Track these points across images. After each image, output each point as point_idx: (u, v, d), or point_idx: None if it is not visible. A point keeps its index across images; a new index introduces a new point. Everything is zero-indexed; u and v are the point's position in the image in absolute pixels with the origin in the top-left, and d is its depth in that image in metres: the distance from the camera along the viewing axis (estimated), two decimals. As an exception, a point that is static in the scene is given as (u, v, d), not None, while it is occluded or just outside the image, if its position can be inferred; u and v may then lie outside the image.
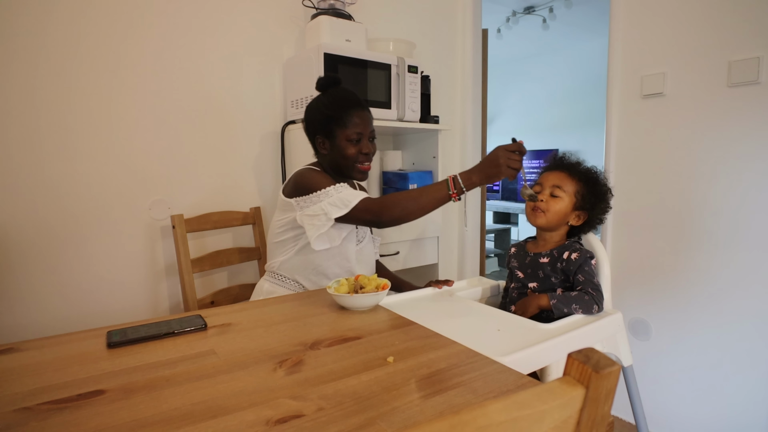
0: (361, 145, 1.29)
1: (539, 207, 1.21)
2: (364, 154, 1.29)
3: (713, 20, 1.51)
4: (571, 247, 1.18)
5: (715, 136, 1.54)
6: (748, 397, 1.52)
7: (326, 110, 1.29)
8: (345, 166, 1.30)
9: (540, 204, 1.20)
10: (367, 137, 1.30)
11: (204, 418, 0.58)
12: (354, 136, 1.27)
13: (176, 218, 1.51)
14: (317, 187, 1.22)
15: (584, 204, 1.21)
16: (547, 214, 1.20)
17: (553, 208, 1.20)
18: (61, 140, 1.44)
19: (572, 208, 1.21)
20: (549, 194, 1.21)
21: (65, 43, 1.42)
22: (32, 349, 0.81)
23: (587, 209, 1.21)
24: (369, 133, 1.31)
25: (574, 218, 1.22)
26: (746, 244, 1.49)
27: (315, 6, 1.77)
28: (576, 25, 4.42)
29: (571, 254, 1.17)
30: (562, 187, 1.20)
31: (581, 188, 1.21)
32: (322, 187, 1.22)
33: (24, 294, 1.41)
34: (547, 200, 1.20)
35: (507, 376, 0.68)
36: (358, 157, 1.29)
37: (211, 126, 1.70)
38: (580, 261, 1.15)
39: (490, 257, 5.04)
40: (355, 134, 1.27)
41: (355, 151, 1.28)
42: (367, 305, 1.01)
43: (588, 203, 1.21)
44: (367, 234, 1.40)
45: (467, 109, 2.37)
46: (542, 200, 1.21)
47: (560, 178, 1.22)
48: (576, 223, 1.23)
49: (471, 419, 0.33)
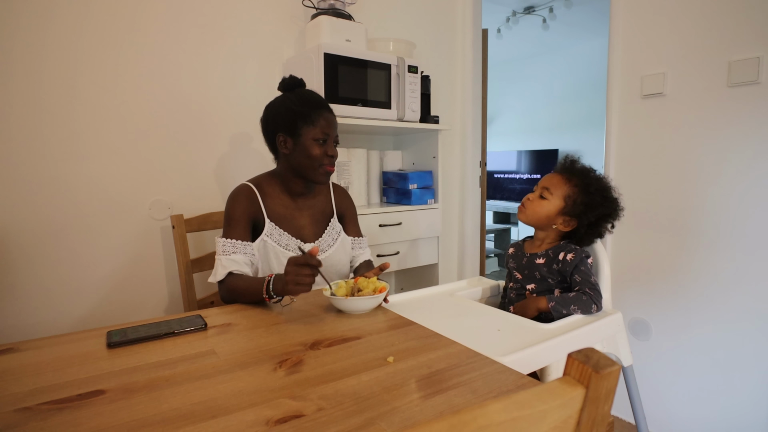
0: (327, 147, 1.25)
1: (523, 204, 1.25)
2: (329, 156, 1.25)
3: (713, 20, 1.51)
4: (566, 248, 1.19)
5: (715, 136, 1.54)
6: (748, 397, 1.52)
7: (294, 107, 1.25)
8: (309, 167, 1.25)
9: (525, 201, 1.25)
10: (333, 140, 1.27)
11: (204, 418, 0.58)
12: (321, 135, 1.23)
13: (176, 218, 1.51)
14: (223, 231, 1.23)
15: (574, 210, 1.19)
16: (526, 212, 1.23)
17: (533, 208, 1.22)
18: (61, 140, 1.44)
19: (559, 212, 1.20)
20: (538, 195, 1.23)
21: (65, 43, 1.42)
22: (32, 349, 0.81)
23: (577, 216, 1.19)
24: (335, 136, 1.28)
25: (561, 222, 1.21)
26: (746, 243, 1.49)
27: (315, 6, 1.77)
28: (576, 25, 4.42)
29: (567, 255, 1.17)
30: (550, 190, 1.21)
31: (575, 194, 1.19)
32: (225, 233, 1.22)
33: (24, 294, 1.41)
34: (533, 199, 1.23)
35: (507, 376, 0.68)
36: (323, 158, 1.24)
37: (212, 126, 1.70)
38: (575, 261, 1.15)
39: (490, 257, 5.04)
40: (323, 134, 1.24)
41: (321, 152, 1.24)
42: (364, 309, 1.00)
43: (577, 210, 1.18)
44: (337, 241, 1.34)
45: (467, 109, 2.37)
46: (529, 199, 1.24)
47: (554, 181, 1.23)
48: (564, 228, 1.21)
49: (471, 419, 0.33)
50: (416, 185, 1.91)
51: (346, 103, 1.65)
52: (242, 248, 1.20)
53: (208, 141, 1.70)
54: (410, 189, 1.90)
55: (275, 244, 1.24)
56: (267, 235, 1.24)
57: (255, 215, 1.26)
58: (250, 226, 1.25)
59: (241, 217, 1.23)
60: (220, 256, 1.18)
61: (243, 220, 1.23)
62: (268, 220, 1.25)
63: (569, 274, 1.16)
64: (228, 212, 1.24)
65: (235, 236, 1.21)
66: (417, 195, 1.91)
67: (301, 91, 1.29)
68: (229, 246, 1.19)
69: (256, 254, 1.24)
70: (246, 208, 1.24)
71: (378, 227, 1.78)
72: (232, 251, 1.19)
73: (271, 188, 1.31)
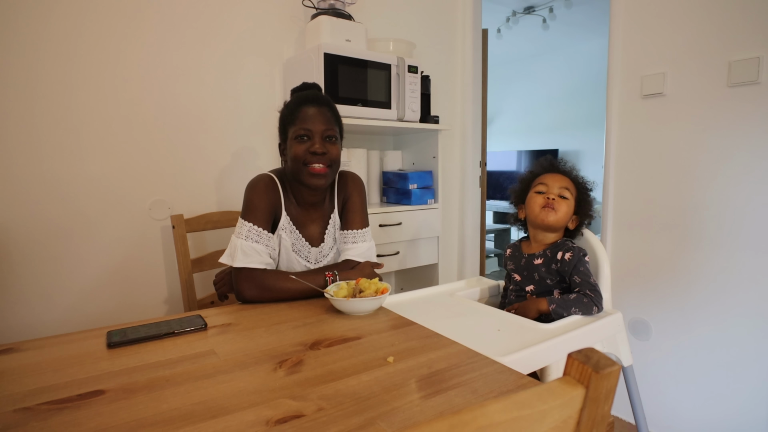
0: (310, 144, 1.12)
1: (551, 205, 1.20)
2: (312, 153, 1.11)
3: (713, 20, 1.51)
4: (564, 246, 1.19)
5: (715, 136, 1.54)
6: (748, 397, 1.52)
7: (282, 112, 1.19)
8: (297, 171, 1.13)
9: (552, 202, 1.21)
10: (321, 135, 1.13)
11: (204, 419, 0.58)
12: (301, 131, 1.12)
13: (176, 218, 1.51)
14: (244, 214, 1.14)
15: (579, 209, 1.27)
16: (558, 212, 1.21)
17: (563, 208, 1.22)
18: (61, 140, 1.44)
19: (572, 212, 1.25)
20: (558, 194, 1.23)
21: (65, 42, 1.42)
22: (32, 349, 0.81)
23: (580, 215, 1.27)
24: (322, 131, 1.13)
25: (571, 222, 1.27)
26: (746, 243, 1.49)
27: (315, 6, 1.77)
28: (576, 25, 4.42)
29: (565, 254, 1.17)
30: (569, 190, 1.24)
31: (578, 195, 1.27)
32: (245, 215, 1.13)
33: (24, 294, 1.41)
34: (561, 202, 1.22)
35: (507, 376, 0.68)
36: (306, 156, 1.11)
37: (211, 126, 1.70)
38: (574, 261, 1.15)
39: (490, 257, 5.04)
40: (302, 130, 1.12)
41: (302, 149, 1.11)
42: (365, 310, 0.99)
43: (581, 209, 1.27)
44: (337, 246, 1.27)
45: (467, 109, 2.37)
46: (553, 198, 1.21)
47: (566, 182, 1.25)
48: (573, 226, 1.28)
49: (471, 419, 0.33)
50: (416, 185, 1.91)
51: (346, 103, 1.65)
52: (266, 239, 1.13)
53: (208, 141, 1.70)
54: (410, 189, 1.90)
55: (287, 240, 1.19)
56: (282, 229, 1.18)
57: (275, 207, 1.18)
58: (271, 218, 1.17)
59: (265, 209, 1.14)
60: (240, 240, 1.10)
61: (266, 212, 1.15)
62: (285, 214, 1.19)
63: (568, 275, 1.16)
64: (250, 198, 1.14)
65: (258, 223, 1.12)
66: (417, 195, 1.91)
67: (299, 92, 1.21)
68: (254, 233, 1.11)
69: (276, 248, 1.18)
70: (270, 202, 1.16)
71: (378, 227, 1.78)
72: (256, 239, 1.11)
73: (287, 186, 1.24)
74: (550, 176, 1.26)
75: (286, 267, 1.22)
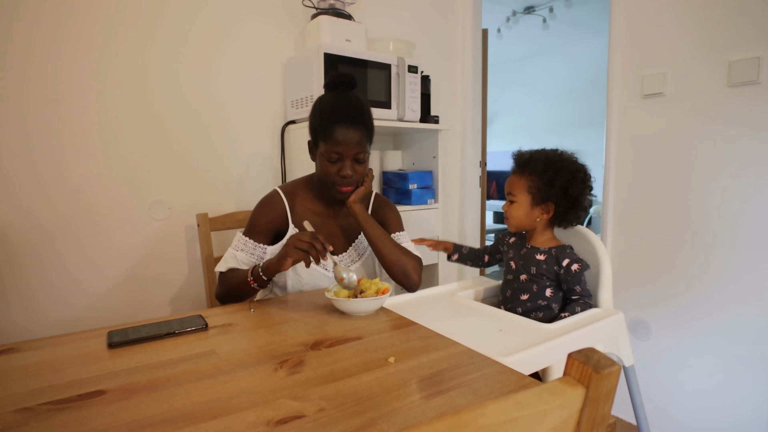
0: (341, 166, 1.14)
1: (506, 215, 1.25)
2: (342, 177, 1.14)
3: (713, 20, 1.51)
4: (571, 256, 1.17)
5: (715, 136, 1.54)
6: (748, 397, 1.52)
7: (314, 118, 1.16)
8: (325, 182, 1.18)
9: (505, 213, 1.25)
10: (351, 158, 1.14)
11: (205, 419, 0.58)
12: (332, 156, 1.13)
13: (201, 216, 1.54)
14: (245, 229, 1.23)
15: (542, 195, 1.18)
16: (511, 220, 1.23)
17: (512, 215, 1.23)
18: (60, 140, 1.44)
19: (532, 206, 1.20)
20: (509, 202, 1.24)
21: (65, 41, 1.42)
22: (32, 350, 0.81)
23: (551, 199, 1.18)
24: (353, 154, 1.13)
25: (540, 213, 1.20)
26: (746, 243, 1.49)
27: (315, 6, 1.77)
28: (576, 26, 4.42)
29: (572, 264, 1.15)
30: (512, 192, 1.22)
31: (534, 182, 1.18)
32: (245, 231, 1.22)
33: (24, 294, 1.41)
34: (508, 208, 1.24)
35: (508, 376, 0.68)
36: (335, 177, 1.15)
37: (211, 126, 1.70)
38: (580, 275, 1.16)
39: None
40: (335, 154, 1.13)
41: (334, 171, 1.14)
42: (366, 310, 0.99)
43: (544, 193, 1.17)
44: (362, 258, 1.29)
45: (467, 109, 2.37)
46: (504, 209, 1.25)
47: (511, 183, 1.24)
48: (547, 215, 1.20)
49: (471, 419, 0.33)
50: (416, 185, 1.91)
51: (347, 103, 1.65)
52: (252, 248, 1.20)
53: (208, 140, 1.70)
54: (410, 189, 1.90)
55: None
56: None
57: (279, 224, 1.23)
58: (271, 235, 1.23)
59: (263, 226, 1.21)
60: (230, 249, 1.21)
61: (263, 229, 1.21)
62: (292, 226, 1.22)
63: (569, 283, 1.16)
64: (252, 217, 1.23)
65: (249, 235, 1.21)
66: (417, 195, 1.90)
67: (335, 95, 1.15)
68: (240, 243, 1.21)
69: (266, 257, 1.20)
70: (270, 218, 1.22)
71: (378, 227, 1.78)
72: (241, 248, 1.20)
73: (305, 194, 1.26)
74: (506, 183, 1.26)
75: (309, 281, 1.22)
